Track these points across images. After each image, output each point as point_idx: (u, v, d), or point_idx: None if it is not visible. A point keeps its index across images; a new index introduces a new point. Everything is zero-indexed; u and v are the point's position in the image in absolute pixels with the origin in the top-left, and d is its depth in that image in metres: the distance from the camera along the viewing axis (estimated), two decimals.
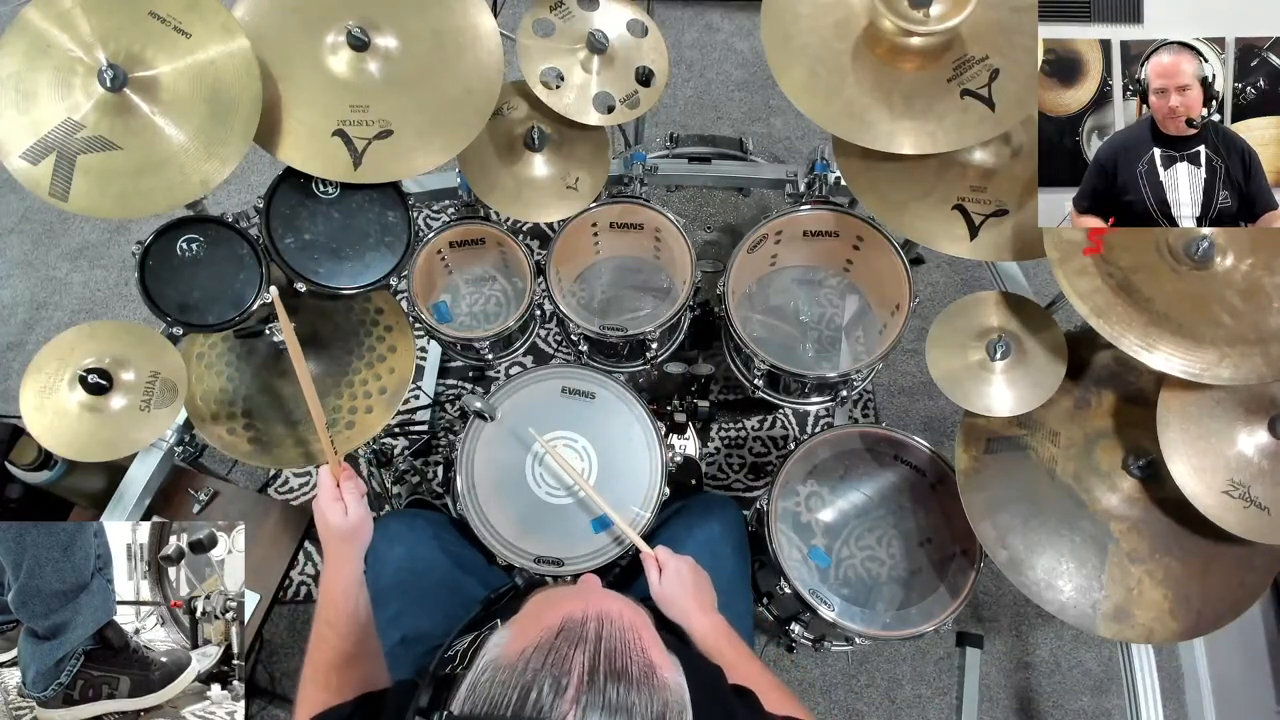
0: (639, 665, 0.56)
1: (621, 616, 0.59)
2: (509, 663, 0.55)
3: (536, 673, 0.54)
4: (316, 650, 0.93)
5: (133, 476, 1.24)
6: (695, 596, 1.01)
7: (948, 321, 1.18)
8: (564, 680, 0.53)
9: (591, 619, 0.58)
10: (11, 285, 2.22)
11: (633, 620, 0.60)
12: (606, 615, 0.59)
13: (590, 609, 0.59)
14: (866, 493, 1.45)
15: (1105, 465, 1.14)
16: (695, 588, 1.02)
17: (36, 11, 0.90)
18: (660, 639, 0.62)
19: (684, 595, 1.01)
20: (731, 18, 2.72)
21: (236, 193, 2.27)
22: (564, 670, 0.54)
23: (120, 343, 1.04)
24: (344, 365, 1.26)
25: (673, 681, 0.58)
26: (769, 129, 2.52)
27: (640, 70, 1.24)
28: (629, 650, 0.56)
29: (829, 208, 1.44)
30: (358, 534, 1.01)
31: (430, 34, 1.11)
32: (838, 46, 1.13)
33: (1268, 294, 0.97)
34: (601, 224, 1.49)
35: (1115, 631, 1.09)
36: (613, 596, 0.63)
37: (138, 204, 0.94)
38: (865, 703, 1.81)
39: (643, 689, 0.55)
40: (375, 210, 1.13)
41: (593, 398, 1.31)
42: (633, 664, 0.56)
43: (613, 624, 0.58)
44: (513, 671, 0.55)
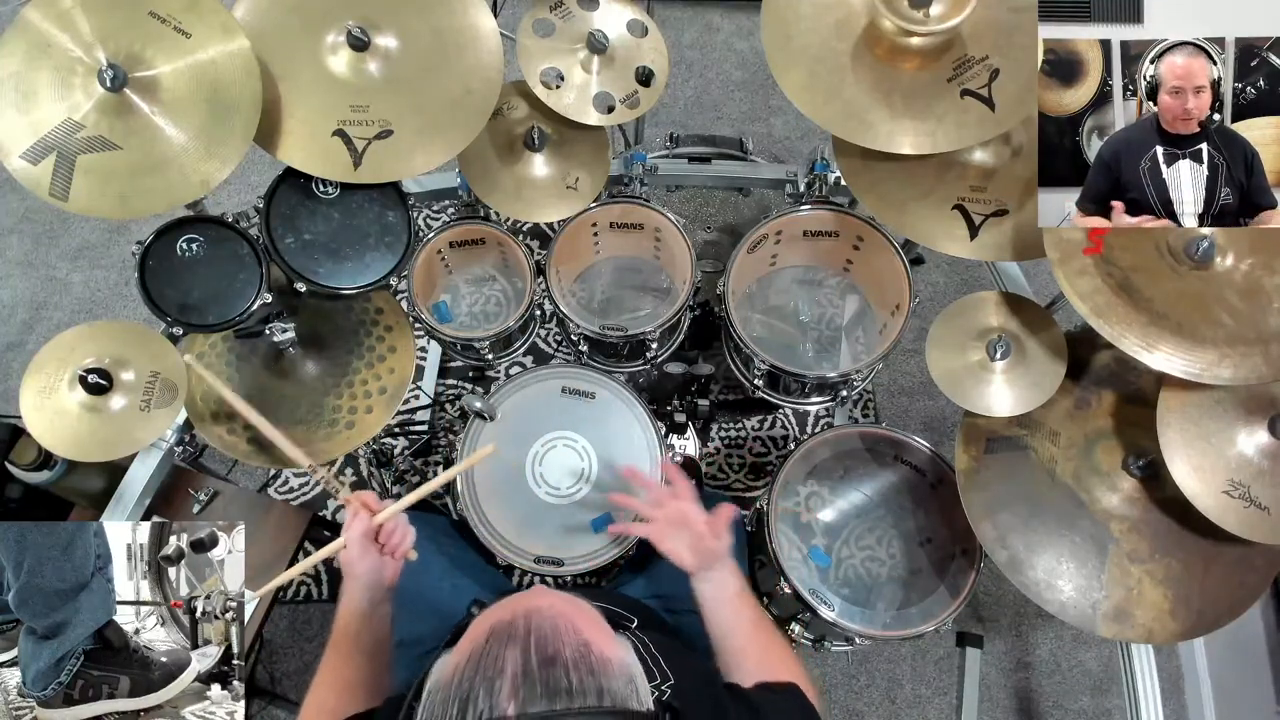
0: (572, 646, 0.55)
1: (551, 607, 0.59)
2: (446, 680, 0.55)
3: (471, 680, 0.53)
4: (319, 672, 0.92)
5: (133, 476, 1.24)
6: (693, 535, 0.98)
7: (948, 321, 1.18)
8: (497, 681, 0.53)
9: (520, 617, 0.57)
10: (11, 285, 2.22)
11: (563, 608, 0.59)
12: (534, 609, 0.58)
13: (517, 609, 0.58)
14: (866, 493, 1.45)
15: (1105, 465, 1.14)
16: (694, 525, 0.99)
17: (36, 11, 0.90)
18: (602, 622, 0.61)
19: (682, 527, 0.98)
20: (731, 18, 2.72)
21: (236, 193, 2.27)
22: (497, 670, 0.53)
23: (120, 343, 1.04)
24: (344, 365, 1.26)
25: (614, 656, 0.57)
26: (769, 129, 2.52)
27: (640, 70, 1.24)
28: (560, 634, 0.56)
29: (829, 208, 1.44)
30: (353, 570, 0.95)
31: (430, 34, 1.11)
32: (838, 46, 1.13)
33: (1268, 294, 0.97)
34: (601, 224, 1.49)
35: (1115, 631, 1.09)
36: (544, 594, 0.62)
37: (138, 204, 0.94)
38: (865, 703, 1.81)
39: (579, 667, 0.54)
40: (375, 210, 1.13)
41: (593, 398, 1.31)
42: (565, 646, 0.55)
43: (541, 615, 0.57)
44: (450, 687, 0.54)
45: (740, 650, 0.91)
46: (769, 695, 0.81)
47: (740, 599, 0.95)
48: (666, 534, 0.99)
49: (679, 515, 0.99)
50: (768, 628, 0.94)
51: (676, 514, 1.00)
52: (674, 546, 0.98)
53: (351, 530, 0.93)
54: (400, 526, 0.96)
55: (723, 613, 0.94)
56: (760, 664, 0.88)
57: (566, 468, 1.26)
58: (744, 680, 0.85)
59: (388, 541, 0.95)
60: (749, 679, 0.85)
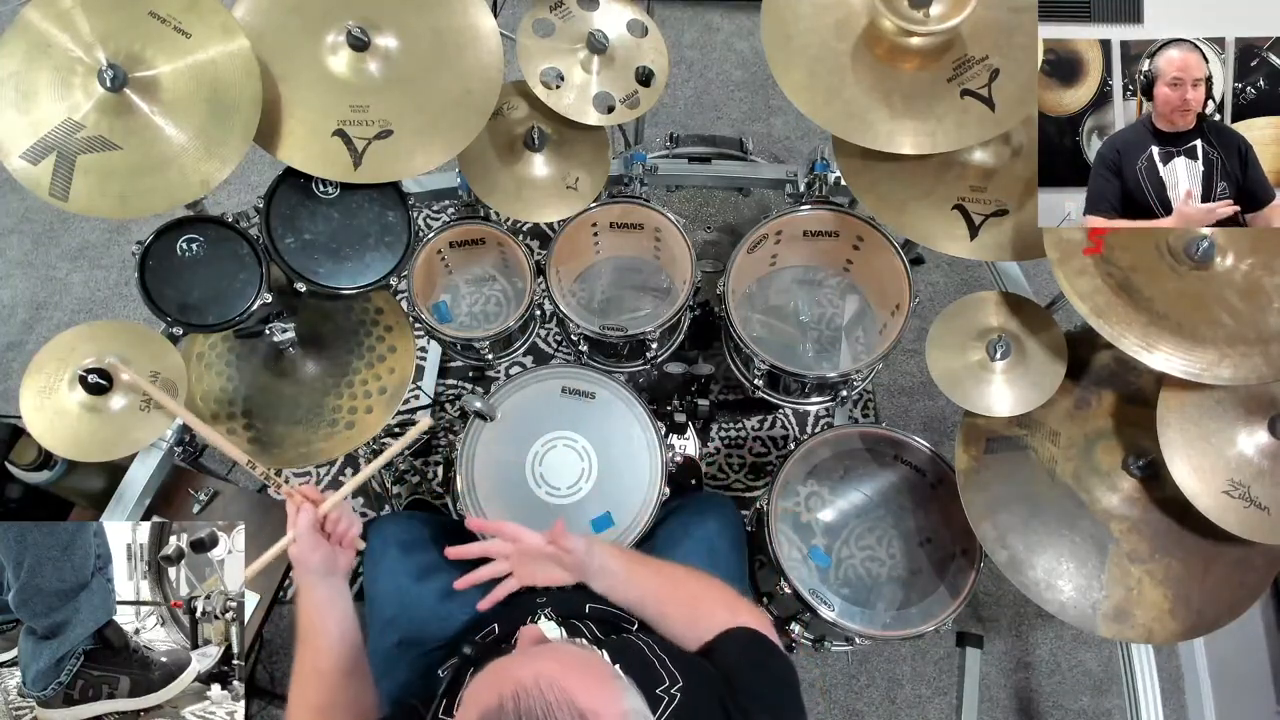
0: None
1: (537, 679, 0.56)
2: None
3: None
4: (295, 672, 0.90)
5: (133, 476, 1.24)
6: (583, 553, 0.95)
7: (948, 321, 1.18)
8: None
9: (508, 700, 0.55)
10: (11, 285, 2.22)
11: (552, 675, 0.57)
12: (521, 688, 0.56)
13: (505, 687, 0.56)
14: (866, 493, 1.45)
15: (1105, 465, 1.14)
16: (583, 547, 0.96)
17: (36, 11, 0.90)
18: (598, 675, 0.60)
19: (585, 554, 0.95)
20: (731, 18, 2.72)
21: (236, 193, 2.27)
22: None
23: (120, 343, 1.04)
24: (344, 365, 1.26)
25: (614, 713, 0.56)
26: (769, 129, 2.52)
27: (640, 70, 1.24)
28: (550, 712, 0.54)
29: (829, 208, 1.44)
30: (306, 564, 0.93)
31: (430, 34, 1.11)
32: (838, 46, 1.13)
33: (1268, 294, 0.97)
34: (601, 224, 1.49)
35: (1115, 631, 1.09)
36: (531, 658, 0.61)
37: (138, 204, 0.94)
38: (865, 703, 1.81)
39: None
40: (375, 210, 1.13)
41: (593, 398, 1.31)
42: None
43: (528, 694, 0.55)
44: None
45: (664, 615, 0.89)
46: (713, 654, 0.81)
47: (630, 572, 0.93)
48: (530, 571, 0.97)
49: (523, 551, 0.98)
50: (679, 579, 0.93)
51: (519, 552, 0.98)
52: (546, 575, 0.97)
53: (299, 524, 0.92)
54: (345, 515, 0.96)
55: (626, 593, 0.93)
56: (693, 619, 0.87)
57: (566, 468, 1.26)
58: (689, 638, 0.84)
59: (334, 530, 0.95)
60: (692, 635, 0.84)
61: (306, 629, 0.91)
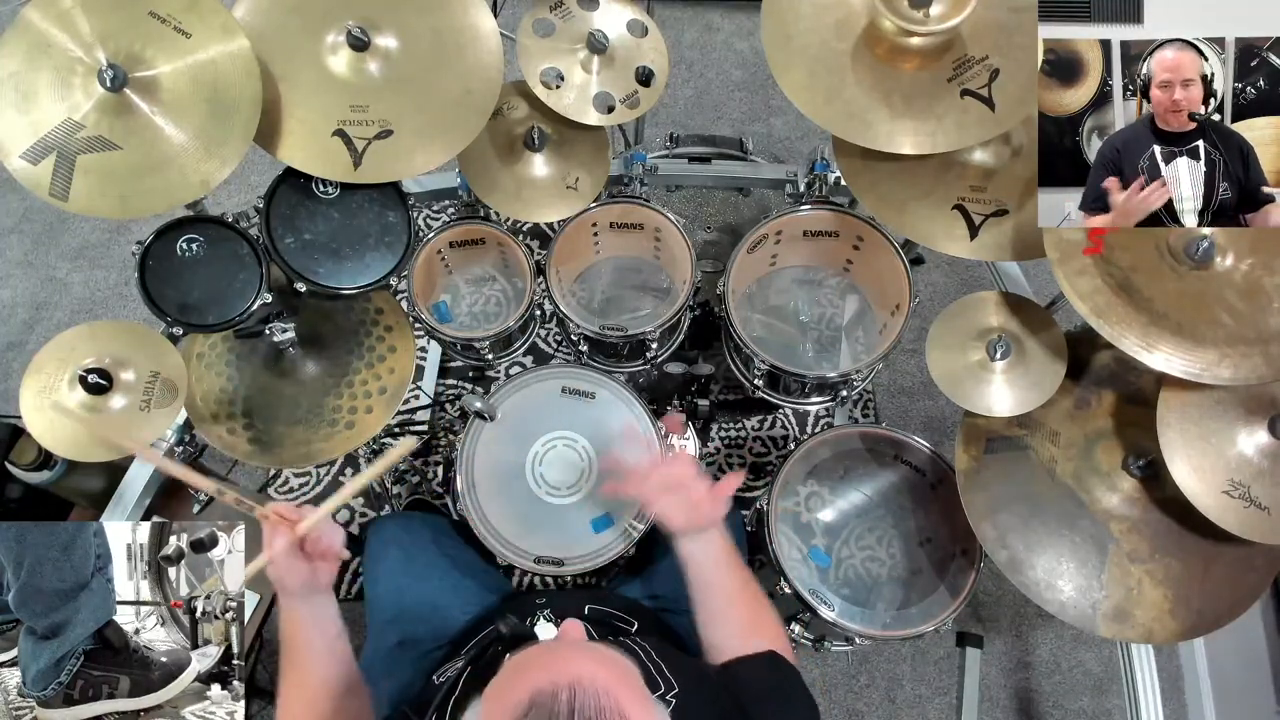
0: None
1: (594, 680, 0.57)
2: None
3: None
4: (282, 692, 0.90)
5: (133, 476, 1.24)
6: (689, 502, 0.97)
7: (948, 321, 1.18)
8: None
9: (563, 688, 0.56)
10: (11, 285, 2.22)
11: (607, 681, 0.57)
12: (578, 682, 0.56)
13: (560, 677, 0.57)
14: (866, 493, 1.45)
15: (1105, 465, 1.14)
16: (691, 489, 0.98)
17: (36, 11, 0.90)
18: (642, 690, 0.60)
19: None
20: (731, 18, 2.72)
21: (236, 193, 2.27)
22: None
23: (120, 343, 1.04)
24: (344, 365, 1.26)
25: None
26: (769, 129, 2.52)
27: (640, 70, 1.24)
28: (603, 715, 0.55)
29: (829, 208, 1.44)
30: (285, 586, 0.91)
31: (430, 34, 1.11)
32: (838, 46, 1.12)
33: (1268, 294, 0.97)
34: (601, 224, 1.49)
35: (1115, 631, 1.09)
36: (585, 656, 0.61)
37: (138, 204, 0.94)
38: (865, 703, 1.81)
39: None
40: (375, 210, 1.13)
41: (593, 398, 1.31)
42: None
43: (585, 691, 0.56)
44: None
45: (722, 611, 0.91)
46: (744, 667, 0.82)
47: (727, 558, 0.95)
48: (657, 495, 0.99)
49: (673, 480, 0.99)
50: (755, 591, 0.94)
51: (670, 478, 0.99)
52: (663, 508, 0.98)
53: (274, 547, 0.87)
54: (326, 531, 0.91)
55: (706, 571, 0.94)
56: (744, 625, 0.88)
57: (566, 468, 1.26)
58: (725, 640, 0.85)
59: (314, 549, 0.90)
60: (731, 639, 0.85)
61: (290, 647, 0.90)
